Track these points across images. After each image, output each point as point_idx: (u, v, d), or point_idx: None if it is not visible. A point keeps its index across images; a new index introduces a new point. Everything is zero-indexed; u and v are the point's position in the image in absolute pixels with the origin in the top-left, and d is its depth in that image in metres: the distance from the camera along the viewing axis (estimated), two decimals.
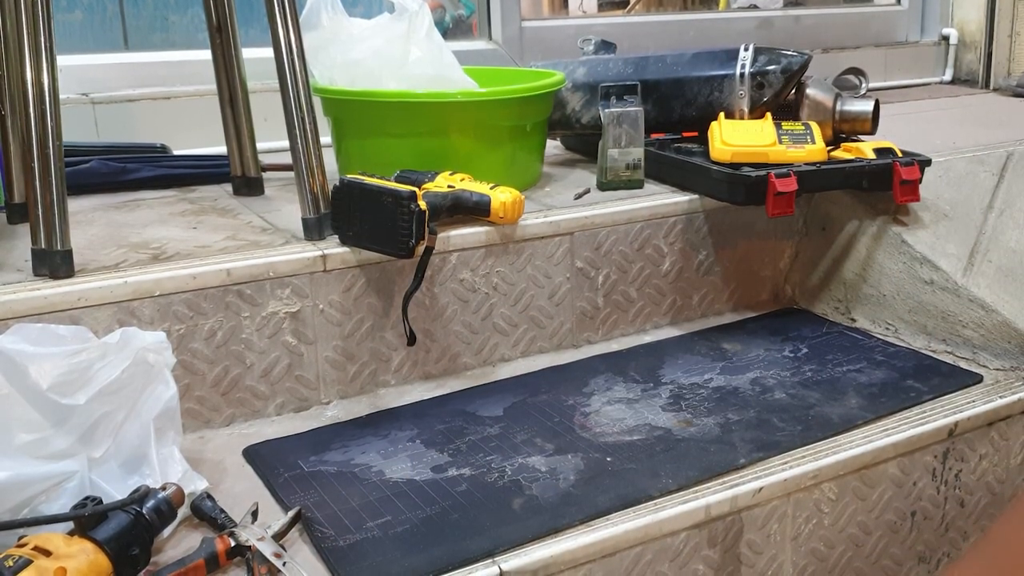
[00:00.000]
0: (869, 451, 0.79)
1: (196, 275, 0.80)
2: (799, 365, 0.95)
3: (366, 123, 1.00)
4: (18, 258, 0.83)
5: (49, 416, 0.63)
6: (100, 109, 1.19)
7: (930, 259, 1.01)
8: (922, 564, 0.87)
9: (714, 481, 0.73)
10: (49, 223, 0.77)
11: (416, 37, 1.00)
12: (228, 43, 1.02)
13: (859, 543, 0.82)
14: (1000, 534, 0.53)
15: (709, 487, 0.72)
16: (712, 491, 0.71)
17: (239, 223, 0.96)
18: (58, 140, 0.77)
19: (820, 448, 0.78)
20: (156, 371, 0.68)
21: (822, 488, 0.77)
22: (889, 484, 0.82)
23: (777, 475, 0.74)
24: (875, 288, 1.06)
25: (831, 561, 0.80)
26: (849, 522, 0.80)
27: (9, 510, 0.60)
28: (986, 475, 0.89)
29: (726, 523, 0.72)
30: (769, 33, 1.72)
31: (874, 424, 0.83)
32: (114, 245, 0.88)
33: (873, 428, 0.82)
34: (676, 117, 1.12)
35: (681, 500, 0.70)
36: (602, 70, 1.16)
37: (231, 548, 0.62)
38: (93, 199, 1.05)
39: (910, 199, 1.04)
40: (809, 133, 1.03)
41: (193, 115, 1.21)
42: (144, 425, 0.67)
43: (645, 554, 0.69)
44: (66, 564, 0.55)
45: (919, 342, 1.00)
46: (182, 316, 0.80)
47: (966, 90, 1.85)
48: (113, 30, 1.28)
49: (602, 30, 1.49)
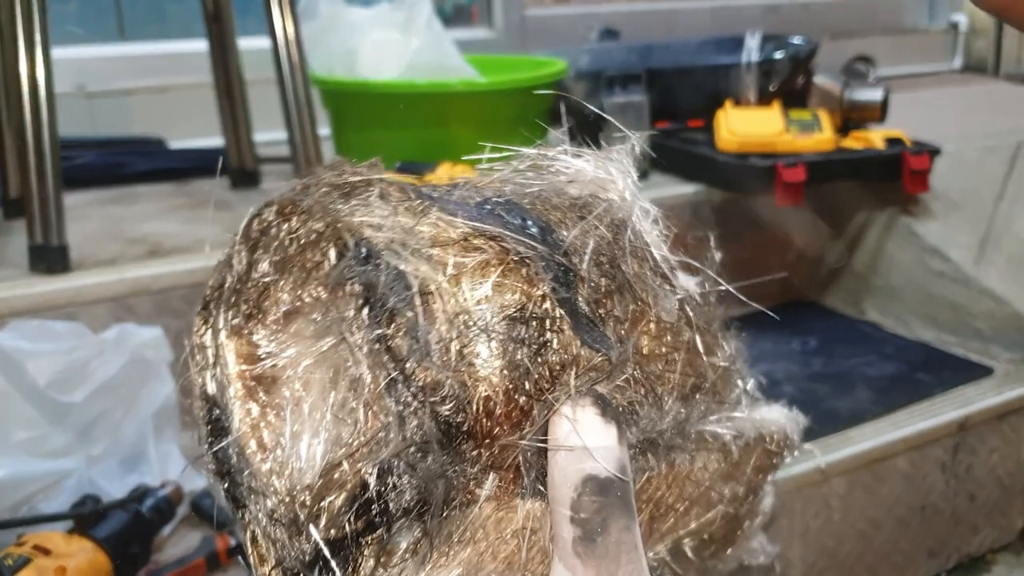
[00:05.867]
0: (878, 445, 0.78)
1: (193, 270, 0.79)
2: (808, 358, 0.94)
3: (366, 114, 0.98)
4: (14, 253, 0.83)
5: (47, 413, 0.62)
6: (95, 102, 1.18)
7: (940, 250, 1.00)
8: (932, 559, 0.86)
9: None
10: (45, 218, 0.76)
11: (416, 26, 0.99)
12: (225, 33, 1.01)
13: (868, 538, 0.81)
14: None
15: None
16: None
17: (236, 217, 0.94)
18: (53, 134, 0.76)
19: (829, 442, 0.77)
20: (154, 367, 0.67)
21: (831, 483, 0.76)
22: (899, 478, 0.81)
23: (785, 470, 0.73)
24: (885, 280, 1.04)
25: (840, 556, 0.79)
26: (859, 517, 0.79)
27: (7, 508, 0.60)
28: (997, 469, 0.88)
29: None
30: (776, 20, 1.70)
31: (884, 418, 0.81)
32: (110, 240, 0.87)
33: (883, 422, 0.81)
34: (681, 106, 1.10)
35: None
36: (606, 58, 1.14)
37: (231, 546, 0.61)
38: (89, 193, 1.04)
39: (920, 189, 1.02)
40: (817, 122, 1.01)
41: (190, 107, 1.20)
42: (142, 422, 0.66)
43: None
44: (66, 563, 0.54)
45: (929, 334, 0.99)
46: (179, 312, 0.79)
47: (976, 78, 1.83)
48: (108, 21, 1.27)
49: (606, 18, 1.47)
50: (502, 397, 0.18)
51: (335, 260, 0.19)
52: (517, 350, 0.18)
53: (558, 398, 0.18)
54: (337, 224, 0.19)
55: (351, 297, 0.19)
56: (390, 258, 0.18)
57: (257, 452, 0.20)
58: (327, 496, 0.18)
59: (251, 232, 0.21)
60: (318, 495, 0.18)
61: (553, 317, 0.19)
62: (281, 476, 0.20)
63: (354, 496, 0.18)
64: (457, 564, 0.19)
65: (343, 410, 0.19)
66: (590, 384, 0.19)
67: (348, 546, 0.18)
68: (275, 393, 0.20)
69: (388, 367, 0.18)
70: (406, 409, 0.18)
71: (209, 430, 0.21)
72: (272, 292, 0.21)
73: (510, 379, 0.18)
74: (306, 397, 0.20)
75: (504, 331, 0.18)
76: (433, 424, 0.18)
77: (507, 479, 0.19)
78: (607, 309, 0.20)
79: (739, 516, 0.25)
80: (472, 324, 0.18)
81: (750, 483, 0.24)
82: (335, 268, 0.19)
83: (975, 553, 0.90)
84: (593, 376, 0.19)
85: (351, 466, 0.18)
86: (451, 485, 0.18)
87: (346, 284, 0.19)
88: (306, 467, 0.19)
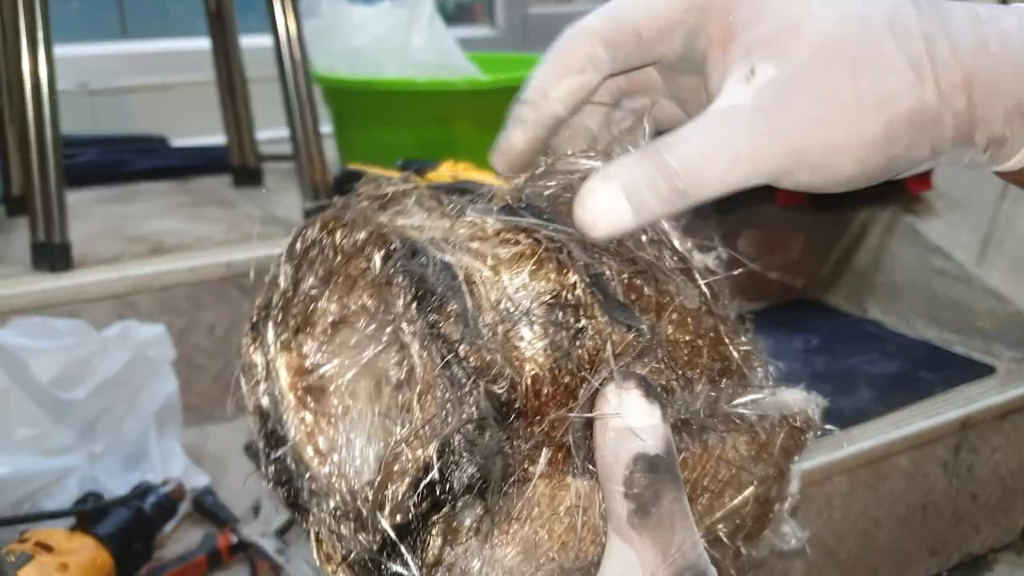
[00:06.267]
0: (880, 444, 0.78)
1: (195, 268, 0.79)
2: (810, 357, 0.94)
3: (367, 112, 0.98)
4: (17, 251, 0.83)
5: (49, 411, 0.62)
6: (98, 100, 1.18)
7: (943, 248, 1.00)
8: (933, 558, 0.86)
9: None
10: (48, 216, 0.77)
11: (418, 24, 0.99)
12: (227, 31, 1.01)
13: (870, 537, 0.81)
14: None
15: None
16: None
17: (239, 214, 0.95)
18: (56, 132, 0.76)
19: (831, 441, 0.77)
20: (156, 365, 0.67)
21: (833, 481, 0.76)
22: (900, 477, 0.81)
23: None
24: (887, 278, 1.04)
25: (841, 555, 0.79)
26: (860, 516, 0.79)
27: (10, 505, 0.60)
28: (999, 468, 0.88)
29: None
30: None
31: (885, 416, 0.81)
32: (113, 237, 0.87)
33: (884, 421, 0.81)
34: None
35: None
36: None
37: (233, 544, 0.62)
38: (91, 191, 1.04)
39: (923, 187, 1.02)
40: None
41: (192, 105, 1.20)
42: (144, 420, 0.66)
43: None
44: (68, 560, 0.54)
45: (931, 332, 0.99)
46: (181, 309, 0.79)
47: None
48: (110, 19, 1.27)
49: None
50: (548, 375, 0.19)
51: (380, 264, 0.20)
52: (557, 332, 0.19)
53: (602, 378, 0.20)
54: (382, 230, 0.20)
55: (400, 292, 0.20)
56: (435, 252, 0.20)
57: (315, 457, 0.21)
58: (390, 486, 0.19)
59: (295, 251, 0.23)
60: (380, 487, 0.19)
61: (586, 304, 0.20)
62: (342, 477, 0.21)
63: (417, 480, 0.19)
64: (517, 542, 0.20)
65: (392, 413, 0.20)
66: (628, 361, 0.20)
67: (415, 529, 0.19)
68: (325, 402, 0.22)
69: (443, 351, 0.19)
70: (461, 389, 0.19)
71: (265, 442, 0.22)
72: (319, 304, 0.22)
73: (553, 359, 0.19)
74: (355, 404, 0.21)
75: (543, 315, 0.20)
76: (488, 402, 0.19)
77: (558, 458, 0.20)
78: (632, 299, 0.21)
79: (770, 499, 0.25)
80: (515, 309, 0.19)
81: (778, 464, 0.25)
82: (383, 268, 0.20)
83: (977, 552, 0.90)
84: (630, 353, 0.20)
85: (411, 453, 0.19)
86: (507, 462, 0.19)
87: (394, 282, 0.20)
88: (362, 467, 0.21)
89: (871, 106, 0.22)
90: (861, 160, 0.22)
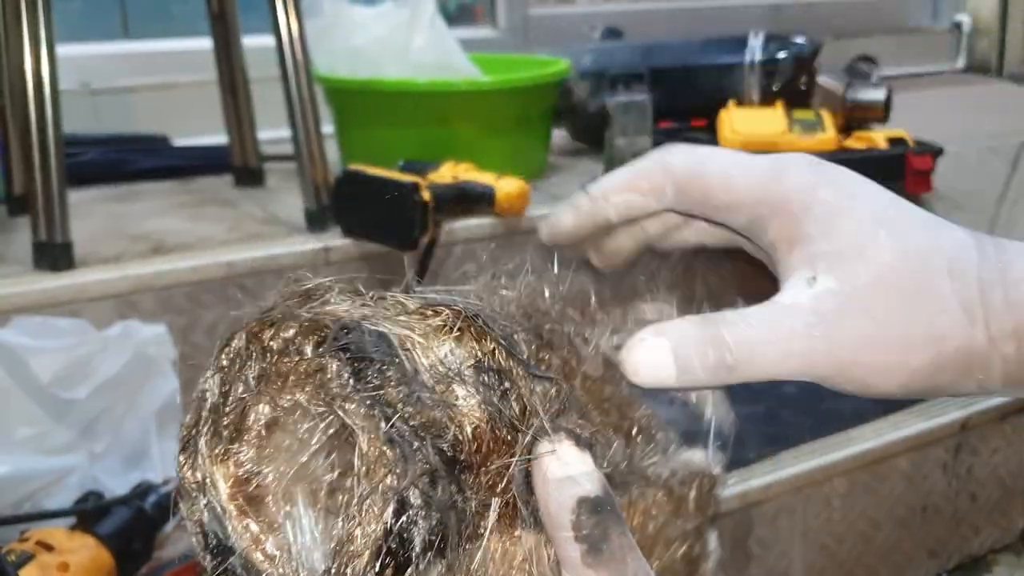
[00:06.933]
0: (879, 445, 0.78)
1: (197, 267, 0.79)
2: None
3: (369, 112, 0.99)
4: (18, 250, 0.83)
5: (50, 410, 0.62)
6: (99, 99, 1.18)
7: None
8: (933, 559, 0.86)
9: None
10: (50, 215, 0.77)
11: (420, 24, 0.99)
12: (229, 31, 1.01)
13: (869, 538, 0.81)
14: None
15: None
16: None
17: (240, 214, 0.95)
18: (58, 131, 0.76)
19: (830, 442, 0.77)
20: (157, 365, 0.67)
21: (832, 483, 0.76)
22: (900, 478, 0.81)
23: (787, 470, 0.74)
24: None
25: (840, 556, 0.79)
26: (859, 517, 0.79)
27: (10, 504, 0.60)
28: (998, 469, 0.88)
29: (735, 518, 0.72)
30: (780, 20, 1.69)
31: (885, 418, 0.81)
32: (114, 237, 0.87)
33: (884, 422, 0.81)
34: (685, 105, 1.10)
35: None
36: (609, 58, 1.14)
37: None
38: (93, 190, 1.04)
39: (923, 189, 1.02)
40: (820, 122, 1.01)
41: (193, 104, 1.20)
42: (145, 419, 0.66)
43: None
44: (68, 559, 0.54)
45: None
46: (183, 309, 0.79)
47: (979, 78, 1.82)
48: (112, 18, 1.27)
49: (609, 17, 1.47)
50: (487, 428, 0.21)
51: (312, 351, 0.21)
52: (487, 392, 0.21)
53: (534, 430, 0.21)
54: (314, 319, 0.21)
55: (337, 371, 0.21)
56: (368, 325, 0.21)
57: (265, 561, 0.22)
58: (349, 565, 0.20)
59: (221, 363, 0.23)
60: (340, 572, 0.20)
61: (506, 369, 0.21)
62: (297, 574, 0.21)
63: (378, 548, 0.19)
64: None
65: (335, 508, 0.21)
66: (554, 414, 0.21)
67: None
68: (266, 510, 0.22)
69: (387, 413, 0.20)
70: (410, 447, 0.20)
71: (211, 556, 0.22)
72: (251, 408, 0.23)
73: (488, 415, 0.21)
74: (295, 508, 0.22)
75: (472, 376, 0.21)
76: (437, 457, 0.20)
77: (506, 512, 0.21)
78: (541, 367, 0.23)
79: (694, 557, 0.26)
80: (447, 371, 0.21)
81: (695, 518, 0.26)
82: (315, 354, 0.21)
83: (976, 553, 0.90)
84: (555, 406, 0.22)
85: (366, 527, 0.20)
86: (461, 517, 0.20)
87: (328, 365, 0.21)
88: (317, 561, 0.21)
89: (921, 339, 0.23)
90: (903, 385, 0.24)
